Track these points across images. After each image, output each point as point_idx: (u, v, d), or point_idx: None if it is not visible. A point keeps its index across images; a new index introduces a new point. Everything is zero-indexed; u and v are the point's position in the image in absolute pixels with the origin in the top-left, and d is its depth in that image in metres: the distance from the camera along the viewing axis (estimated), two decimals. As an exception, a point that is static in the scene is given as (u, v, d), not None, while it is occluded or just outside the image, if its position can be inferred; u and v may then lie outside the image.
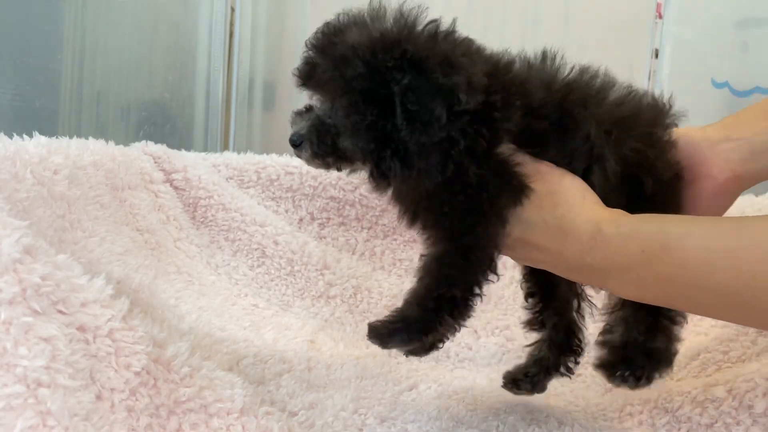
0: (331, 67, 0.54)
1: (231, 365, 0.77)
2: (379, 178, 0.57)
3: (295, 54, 0.60)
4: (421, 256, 0.61)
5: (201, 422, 0.50)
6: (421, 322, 0.59)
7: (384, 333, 0.60)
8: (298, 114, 0.60)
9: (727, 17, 1.68)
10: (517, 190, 0.59)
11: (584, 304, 0.73)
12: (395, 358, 0.93)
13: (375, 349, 0.96)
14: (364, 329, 1.02)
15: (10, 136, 0.75)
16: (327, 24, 0.58)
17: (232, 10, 1.64)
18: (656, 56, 1.69)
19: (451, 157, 0.56)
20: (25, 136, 0.78)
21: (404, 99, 0.51)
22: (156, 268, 0.95)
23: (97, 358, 0.48)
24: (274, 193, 1.20)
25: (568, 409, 0.75)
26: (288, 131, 0.60)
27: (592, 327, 0.72)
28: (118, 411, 0.47)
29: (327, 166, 0.59)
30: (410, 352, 0.64)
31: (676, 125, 0.68)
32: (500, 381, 0.75)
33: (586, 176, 0.61)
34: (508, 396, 0.78)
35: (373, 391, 0.75)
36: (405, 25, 0.55)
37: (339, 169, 0.60)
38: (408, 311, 0.60)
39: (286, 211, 1.19)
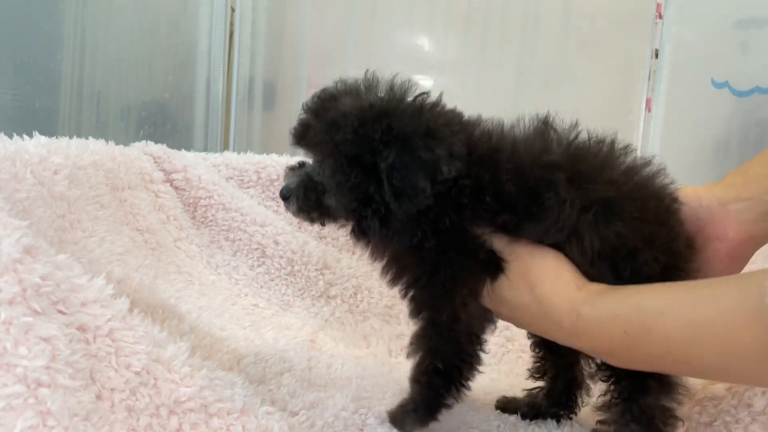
0: (322, 130, 0.58)
1: (231, 365, 0.77)
2: (360, 235, 0.61)
3: (296, 54, 0.62)
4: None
5: (201, 422, 0.50)
6: (424, 401, 0.62)
7: (399, 419, 0.64)
8: (291, 169, 0.64)
9: (727, 17, 1.68)
10: (488, 267, 0.60)
11: (587, 364, 0.72)
12: (396, 357, 0.93)
13: (375, 348, 0.96)
14: (365, 329, 1.03)
15: (10, 136, 0.75)
16: (323, 90, 0.62)
17: (232, 10, 1.64)
18: (656, 56, 1.69)
19: (420, 226, 0.59)
20: (25, 136, 0.78)
21: (390, 175, 0.55)
22: (156, 268, 0.95)
23: (97, 358, 0.48)
24: (274, 193, 1.20)
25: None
26: (288, 132, 0.63)
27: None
28: (118, 411, 0.47)
29: (312, 221, 0.63)
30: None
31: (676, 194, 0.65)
32: (500, 380, 0.76)
33: (563, 249, 0.60)
34: (510, 396, 0.79)
35: (374, 391, 0.75)
36: (394, 97, 0.59)
37: (323, 224, 0.64)
38: (412, 393, 0.64)
39: (286, 211, 1.19)
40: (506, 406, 0.76)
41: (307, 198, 0.61)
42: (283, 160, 1.22)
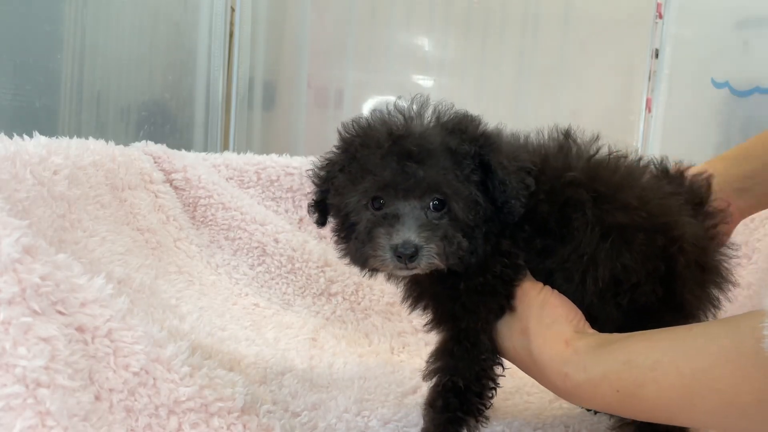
0: (442, 166, 0.55)
1: (232, 365, 0.77)
2: (456, 264, 0.58)
3: (296, 54, 0.61)
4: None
5: (201, 422, 0.50)
6: (439, 429, 0.61)
7: None
8: (375, 224, 0.56)
9: (727, 17, 1.68)
10: (500, 301, 0.61)
11: None
12: (398, 355, 0.93)
13: (377, 346, 0.96)
14: (366, 326, 1.03)
15: (10, 136, 0.75)
16: (380, 128, 0.58)
17: (232, 10, 1.64)
18: (656, 56, 1.69)
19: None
20: (25, 136, 0.78)
21: (504, 182, 0.56)
22: (157, 268, 0.95)
23: (96, 359, 0.48)
24: (274, 194, 1.20)
25: (574, 413, 0.75)
26: (288, 131, 0.61)
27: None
28: (116, 411, 0.47)
29: (459, 263, 0.58)
30: None
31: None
32: (504, 381, 0.75)
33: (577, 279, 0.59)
34: (514, 399, 0.78)
35: (377, 393, 0.75)
36: (450, 115, 0.60)
37: (470, 263, 0.59)
38: (425, 422, 0.62)
39: (286, 211, 1.19)
40: None
41: (452, 244, 0.56)
42: (283, 161, 1.22)
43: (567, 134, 0.62)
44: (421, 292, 0.64)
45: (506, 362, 0.65)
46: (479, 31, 1.75)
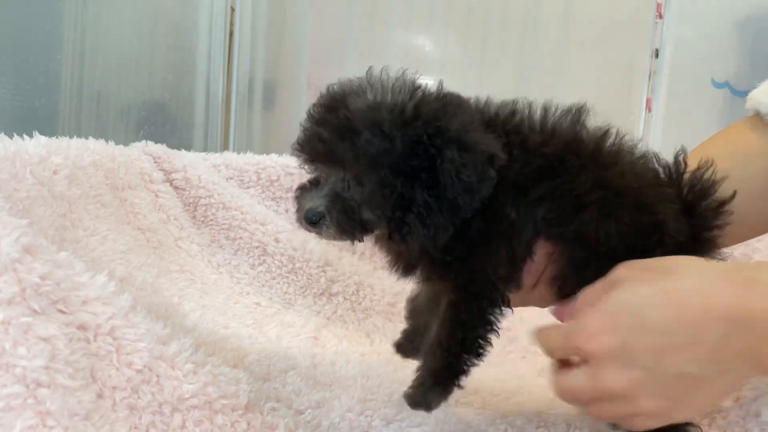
0: (349, 144, 0.54)
1: (236, 362, 0.77)
2: (399, 240, 0.58)
3: (296, 54, 0.61)
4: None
5: (205, 419, 0.50)
6: (450, 368, 0.61)
7: (420, 397, 0.62)
8: (302, 189, 0.60)
9: (727, 17, 1.68)
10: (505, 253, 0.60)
11: None
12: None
13: (378, 346, 0.96)
14: (367, 326, 1.03)
15: (10, 136, 0.75)
16: (331, 96, 0.57)
17: (232, 10, 1.64)
18: (656, 56, 1.69)
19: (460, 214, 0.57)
20: (25, 136, 0.78)
21: (459, 173, 0.54)
22: (158, 267, 0.95)
23: (98, 357, 0.48)
24: (274, 194, 1.20)
25: (577, 412, 0.75)
26: (288, 131, 0.61)
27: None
28: (119, 409, 0.47)
29: (354, 239, 0.59)
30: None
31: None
32: (507, 381, 0.75)
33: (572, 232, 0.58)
34: (516, 398, 0.78)
35: (379, 392, 0.74)
36: (418, 97, 0.57)
37: (361, 240, 0.60)
38: (433, 363, 0.62)
39: (287, 211, 1.19)
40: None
41: (348, 218, 0.57)
42: (283, 161, 1.22)
43: (580, 111, 0.61)
44: (417, 261, 0.63)
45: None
46: (479, 31, 1.75)
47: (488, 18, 1.75)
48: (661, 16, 1.69)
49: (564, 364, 0.53)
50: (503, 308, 0.62)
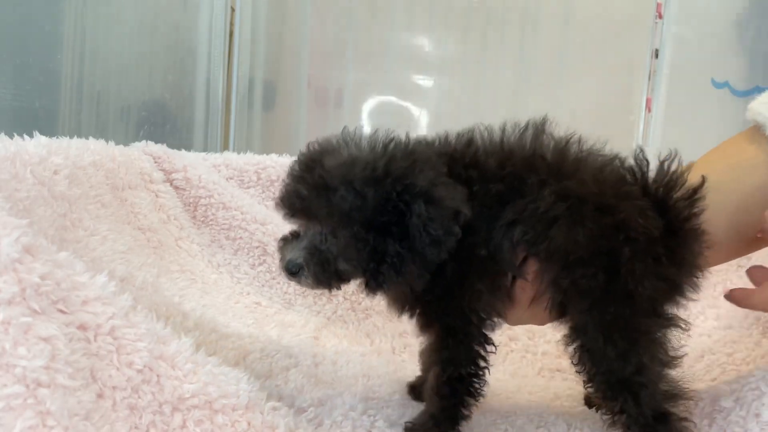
0: (324, 201, 0.58)
1: (238, 360, 0.77)
2: (375, 288, 0.61)
3: (296, 54, 0.62)
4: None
5: (206, 418, 0.50)
6: (446, 412, 0.64)
7: None
8: (285, 240, 0.63)
9: (727, 17, 1.68)
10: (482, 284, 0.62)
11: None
12: (399, 355, 0.93)
13: (379, 346, 0.96)
14: (367, 326, 1.03)
15: (11, 136, 0.75)
16: (308, 154, 0.61)
17: (232, 10, 1.64)
18: (656, 56, 1.69)
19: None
20: (25, 136, 0.78)
21: (426, 227, 0.57)
22: (159, 267, 0.95)
23: (98, 357, 0.48)
24: (274, 194, 1.20)
25: (577, 412, 0.75)
26: (288, 131, 0.62)
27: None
28: (119, 409, 0.47)
29: (329, 288, 0.62)
30: None
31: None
32: (507, 381, 0.75)
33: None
34: (517, 398, 0.78)
35: (381, 392, 0.75)
36: (390, 155, 0.59)
37: (338, 288, 0.63)
38: (431, 407, 0.65)
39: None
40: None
41: (324, 270, 0.60)
42: (283, 161, 1.22)
43: (543, 123, 0.63)
44: (405, 303, 0.67)
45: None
46: (479, 31, 1.75)
47: (488, 18, 1.75)
48: (661, 16, 1.69)
49: None
50: (487, 344, 0.65)
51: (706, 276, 0.63)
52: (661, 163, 0.62)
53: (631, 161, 0.62)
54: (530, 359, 0.94)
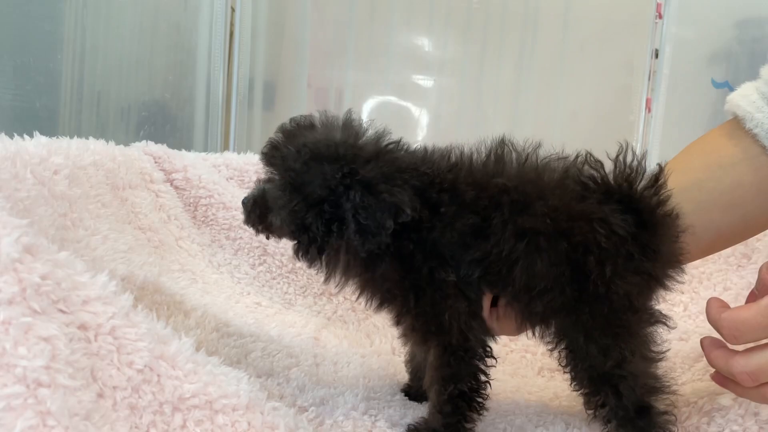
0: (283, 155, 0.63)
1: (239, 359, 0.77)
2: (298, 256, 0.65)
3: (296, 54, 0.63)
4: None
5: (206, 418, 0.50)
6: (450, 428, 0.64)
7: None
8: (258, 180, 0.68)
9: (727, 17, 1.68)
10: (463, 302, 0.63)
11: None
12: (399, 356, 0.93)
13: (379, 346, 0.96)
14: (367, 327, 1.03)
15: (11, 136, 0.75)
16: (306, 116, 0.66)
17: (232, 10, 1.65)
18: (656, 56, 1.69)
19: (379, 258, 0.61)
20: (25, 136, 0.78)
21: (356, 214, 0.59)
22: (160, 266, 0.95)
23: (99, 357, 0.48)
24: (274, 194, 1.20)
25: (576, 411, 0.75)
26: None
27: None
28: (120, 409, 0.47)
29: (257, 232, 0.68)
30: None
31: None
32: (506, 381, 0.75)
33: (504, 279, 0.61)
34: (515, 397, 0.78)
35: (382, 393, 0.74)
36: (353, 140, 0.62)
37: (267, 237, 0.68)
38: (433, 422, 0.65)
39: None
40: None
41: (253, 212, 0.66)
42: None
43: (502, 143, 0.63)
44: (378, 296, 0.67)
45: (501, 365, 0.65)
46: (479, 31, 1.75)
47: (488, 18, 1.75)
48: (661, 16, 1.69)
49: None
50: (486, 358, 0.65)
51: (686, 266, 0.63)
52: (616, 158, 0.61)
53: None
54: (530, 359, 0.94)
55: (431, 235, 0.61)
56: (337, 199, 0.60)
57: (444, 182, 0.62)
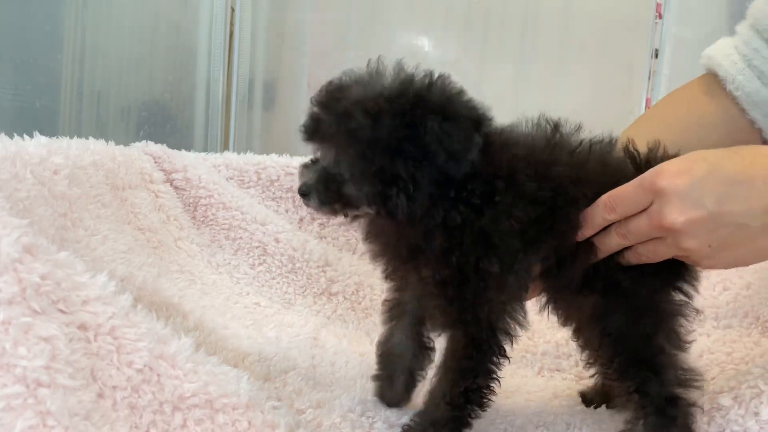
0: (335, 122, 0.58)
1: (236, 362, 0.77)
2: (387, 216, 0.60)
3: (296, 54, 0.62)
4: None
5: (206, 418, 0.50)
6: (455, 421, 0.63)
7: None
8: (305, 167, 0.64)
9: (727, 17, 1.68)
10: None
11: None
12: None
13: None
14: (367, 326, 1.03)
15: (11, 136, 0.75)
16: (330, 82, 0.62)
17: (232, 10, 1.64)
18: (656, 56, 1.69)
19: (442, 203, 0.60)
20: (25, 136, 0.78)
21: (441, 140, 0.56)
22: (159, 267, 0.95)
23: (99, 357, 0.48)
24: (274, 194, 1.20)
25: (576, 411, 0.75)
26: (288, 131, 0.62)
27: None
28: (120, 409, 0.47)
29: (335, 213, 0.62)
30: None
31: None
32: (506, 381, 0.76)
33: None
34: (515, 398, 0.78)
35: (380, 394, 0.75)
36: (406, 77, 0.60)
37: (346, 215, 0.63)
38: (436, 413, 0.63)
39: (287, 211, 1.19)
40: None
41: (328, 190, 0.60)
42: (283, 161, 1.22)
43: (556, 126, 0.64)
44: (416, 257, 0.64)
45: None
46: (479, 31, 1.75)
47: (488, 18, 1.75)
48: (660, 16, 1.69)
49: None
50: (502, 357, 0.64)
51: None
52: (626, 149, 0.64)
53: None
54: (530, 359, 0.94)
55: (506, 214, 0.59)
56: (415, 137, 0.56)
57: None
